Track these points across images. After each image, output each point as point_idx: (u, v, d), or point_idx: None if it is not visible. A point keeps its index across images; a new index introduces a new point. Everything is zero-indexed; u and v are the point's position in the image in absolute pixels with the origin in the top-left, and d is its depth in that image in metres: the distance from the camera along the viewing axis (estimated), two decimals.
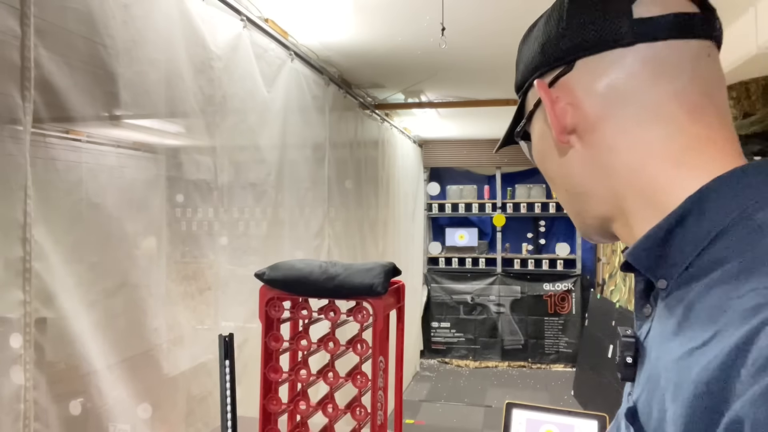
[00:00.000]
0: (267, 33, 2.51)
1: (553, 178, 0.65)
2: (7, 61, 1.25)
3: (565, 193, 0.63)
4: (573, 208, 0.64)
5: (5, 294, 1.25)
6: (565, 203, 0.65)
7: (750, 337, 0.40)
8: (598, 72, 0.56)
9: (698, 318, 0.47)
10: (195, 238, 2.05)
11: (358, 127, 4.04)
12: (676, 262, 0.51)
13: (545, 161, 0.66)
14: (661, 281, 0.53)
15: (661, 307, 0.53)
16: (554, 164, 0.64)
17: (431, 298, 6.98)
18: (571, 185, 0.62)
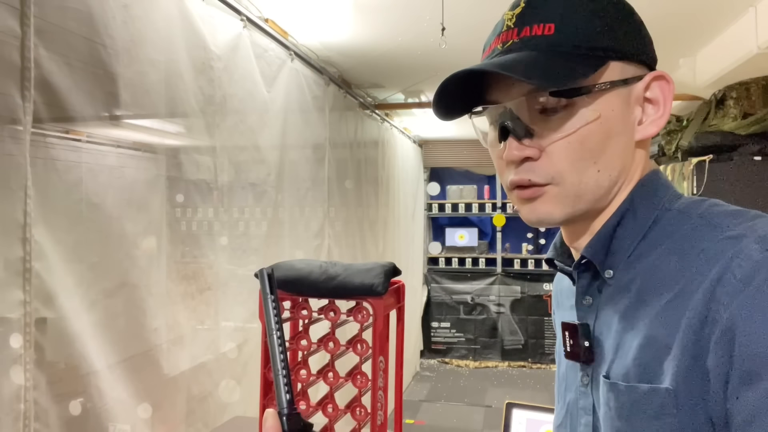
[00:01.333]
0: (267, 33, 2.51)
1: (598, 155, 0.64)
2: (7, 61, 1.25)
3: (596, 173, 0.64)
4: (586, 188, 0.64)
5: (5, 294, 1.25)
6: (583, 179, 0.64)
7: (724, 269, 0.54)
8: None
9: (662, 281, 0.59)
10: (195, 238, 2.05)
11: (358, 127, 4.04)
12: (619, 254, 0.65)
13: (604, 138, 0.64)
14: (608, 271, 0.66)
15: (607, 294, 0.65)
16: (614, 146, 0.64)
17: (431, 298, 6.98)
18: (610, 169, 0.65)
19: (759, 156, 2.92)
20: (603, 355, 0.64)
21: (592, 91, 0.63)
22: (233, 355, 2.22)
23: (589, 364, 0.66)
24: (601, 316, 0.66)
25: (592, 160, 0.64)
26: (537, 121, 0.64)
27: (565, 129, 0.63)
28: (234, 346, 2.22)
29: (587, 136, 0.63)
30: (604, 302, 0.66)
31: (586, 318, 0.67)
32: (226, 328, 2.19)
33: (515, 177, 0.66)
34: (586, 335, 0.65)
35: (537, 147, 0.64)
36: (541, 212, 0.66)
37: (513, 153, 0.64)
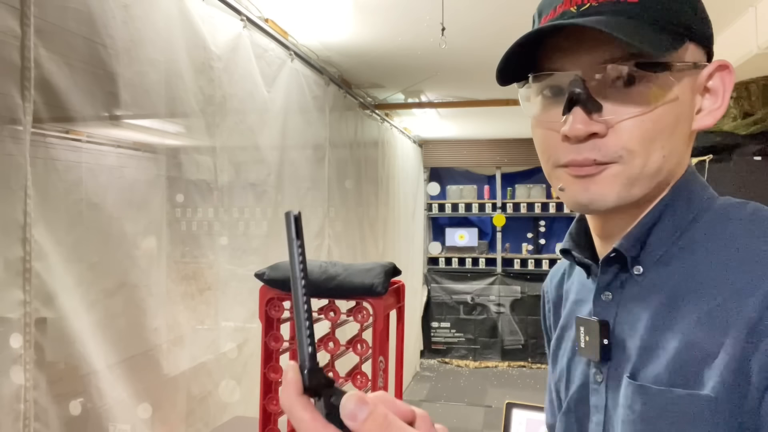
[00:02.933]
0: (267, 33, 2.51)
1: (667, 139, 0.59)
2: (7, 61, 1.25)
3: (661, 158, 0.60)
4: (648, 172, 0.60)
5: (5, 294, 1.25)
6: (648, 162, 0.59)
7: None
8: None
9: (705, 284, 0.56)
10: (195, 238, 2.05)
11: (358, 127, 4.04)
12: (653, 251, 0.62)
13: (675, 122, 0.59)
14: (637, 268, 0.62)
15: (633, 291, 0.62)
16: (680, 132, 0.61)
17: (431, 298, 6.98)
18: (673, 156, 0.61)
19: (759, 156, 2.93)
20: (625, 355, 0.61)
21: (675, 69, 0.58)
22: (233, 355, 2.21)
23: (605, 362, 0.63)
24: (622, 314, 0.62)
25: (661, 143, 0.59)
26: (609, 95, 0.58)
27: (642, 106, 0.58)
28: (234, 346, 2.22)
29: (662, 116, 0.58)
30: (627, 299, 0.62)
31: (604, 314, 0.64)
32: (226, 328, 2.19)
33: (576, 156, 0.60)
34: (605, 332, 0.62)
35: (605, 123, 0.58)
36: (594, 193, 0.60)
37: (578, 127, 0.58)
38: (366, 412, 0.38)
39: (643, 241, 0.62)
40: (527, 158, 6.82)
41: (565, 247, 0.71)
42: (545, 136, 0.64)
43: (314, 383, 0.39)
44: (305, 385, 0.39)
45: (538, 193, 6.84)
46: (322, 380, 0.39)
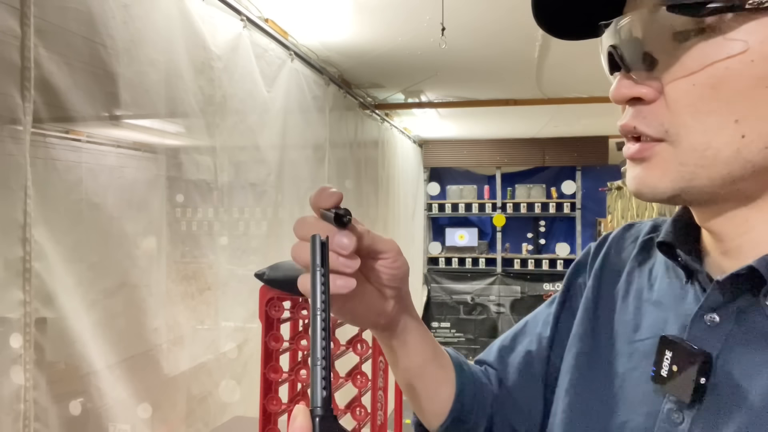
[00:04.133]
0: (267, 33, 2.51)
1: (743, 110, 0.42)
2: (7, 61, 1.25)
3: (738, 138, 0.43)
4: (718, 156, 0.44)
5: (5, 294, 1.25)
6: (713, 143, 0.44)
7: None
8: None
9: None
10: (195, 238, 2.05)
11: (358, 127, 4.04)
12: None
13: (755, 85, 0.42)
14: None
15: (758, 327, 0.45)
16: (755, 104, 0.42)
17: (431, 298, 6.98)
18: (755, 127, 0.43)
19: None
20: (728, 407, 0.45)
21: (739, 8, 0.41)
22: (233, 355, 2.21)
23: (692, 405, 0.47)
24: (733, 351, 0.46)
25: (731, 116, 0.42)
26: (665, 50, 0.44)
27: (691, 64, 0.43)
28: (234, 346, 2.22)
29: (724, 78, 0.42)
30: (746, 334, 0.46)
31: (704, 342, 0.47)
32: (226, 328, 2.19)
33: (622, 121, 0.48)
34: (705, 369, 0.45)
35: (653, 86, 0.45)
36: (641, 180, 0.47)
37: (619, 90, 0.47)
38: None
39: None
40: (527, 158, 6.82)
41: (666, 240, 0.53)
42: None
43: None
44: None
45: (538, 193, 6.85)
46: (335, 430, 0.35)
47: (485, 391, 0.68)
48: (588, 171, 6.80)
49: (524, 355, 0.69)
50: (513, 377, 0.68)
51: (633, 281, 0.60)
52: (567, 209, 6.79)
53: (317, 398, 0.35)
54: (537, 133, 6.32)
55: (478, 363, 0.74)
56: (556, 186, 6.85)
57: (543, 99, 4.32)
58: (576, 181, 6.77)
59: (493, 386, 0.69)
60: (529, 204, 6.84)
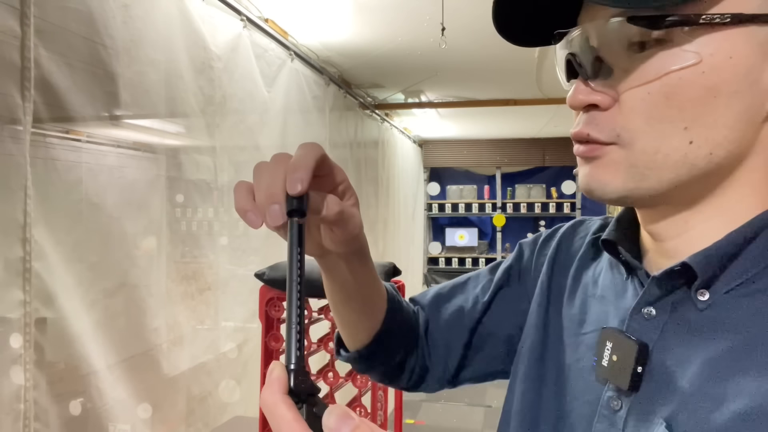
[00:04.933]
0: (267, 33, 2.51)
1: (692, 118, 0.45)
2: (7, 61, 1.25)
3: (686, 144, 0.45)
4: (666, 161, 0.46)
5: (5, 294, 1.25)
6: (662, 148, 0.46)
7: None
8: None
9: None
10: (195, 238, 2.05)
11: (358, 127, 4.04)
12: (731, 277, 0.47)
13: (706, 95, 0.44)
14: (701, 292, 0.48)
15: (689, 319, 0.49)
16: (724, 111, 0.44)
17: None
18: (712, 145, 0.45)
19: None
20: (661, 393, 0.48)
21: (694, 23, 0.43)
22: (233, 355, 2.21)
23: (629, 393, 0.50)
24: (667, 341, 0.49)
25: (681, 124, 0.45)
26: (621, 59, 0.46)
27: (647, 73, 0.45)
28: (234, 346, 2.22)
29: (677, 87, 0.44)
30: (678, 326, 0.49)
31: (641, 333, 0.50)
32: (226, 328, 2.19)
33: (574, 129, 0.50)
34: (642, 358, 0.49)
35: (609, 93, 0.47)
36: (592, 179, 0.49)
37: (576, 97, 0.48)
38: (350, 428, 0.36)
39: (726, 263, 0.48)
40: (527, 158, 6.82)
41: (609, 238, 0.56)
42: None
43: (300, 387, 0.38)
44: (290, 386, 0.38)
45: (538, 193, 6.85)
46: (308, 385, 0.38)
47: (412, 327, 0.73)
48: None
49: (457, 309, 0.73)
50: (441, 324, 0.73)
51: (580, 277, 0.63)
52: (567, 209, 6.79)
53: (291, 356, 0.39)
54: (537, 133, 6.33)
55: (411, 301, 0.77)
56: (556, 186, 6.85)
57: (543, 99, 4.32)
58: (576, 181, 6.77)
59: (419, 327, 0.74)
60: (529, 204, 6.84)
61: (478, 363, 0.73)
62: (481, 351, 0.72)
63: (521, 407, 0.62)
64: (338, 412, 0.36)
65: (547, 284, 0.66)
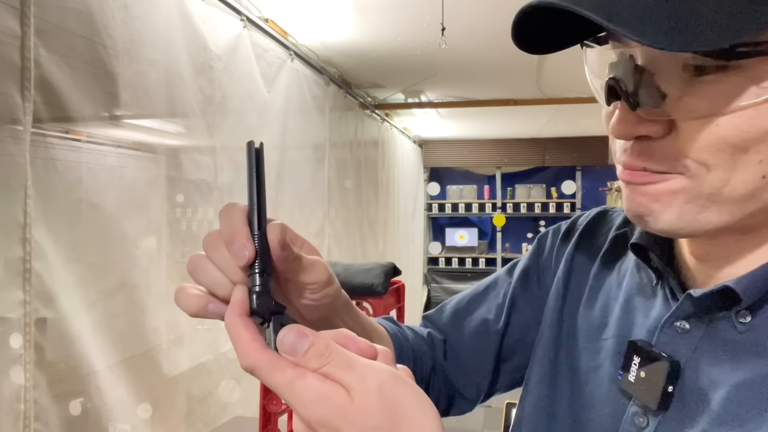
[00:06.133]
0: (267, 33, 2.51)
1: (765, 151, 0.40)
2: (7, 61, 1.25)
3: (760, 178, 0.41)
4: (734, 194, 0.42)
5: (5, 294, 1.25)
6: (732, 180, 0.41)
7: None
8: None
9: None
10: (195, 238, 2.05)
11: (358, 127, 4.04)
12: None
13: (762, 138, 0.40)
14: (743, 313, 0.45)
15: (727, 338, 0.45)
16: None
17: (431, 298, 6.98)
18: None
19: None
20: (692, 414, 0.45)
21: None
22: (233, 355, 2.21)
23: (658, 412, 0.46)
24: (702, 361, 0.46)
25: (757, 156, 0.40)
26: (676, 83, 0.41)
27: (715, 104, 0.40)
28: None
29: (753, 119, 0.39)
30: (715, 345, 0.46)
31: (672, 349, 0.47)
32: None
33: (626, 157, 0.44)
34: (673, 377, 0.46)
35: (662, 120, 0.42)
36: (643, 207, 0.44)
37: (621, 127, 0.43)
38: (306, 344, 0.36)
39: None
40: (527, 158, 6.82)
41: (639, 242, 0.52)
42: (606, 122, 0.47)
43: (262, 307, 0.38)
44: (252, 307, 0.38)
45: (538, 193, 6.85)
46: (271, 304, 0.38)
47: (425, 355, 0.67)
48: (588, 171, 6.81)
49: (480, 322, 0.68)
50: (466, 341, 0.68)
51: (603, 277, 0.59)
52: (567, 209, 6.79)
53: (255, 277, 0.38)
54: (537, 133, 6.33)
55: (425, 320, 0.73)
56: (556, 186, 6.85)
57: (543, 99, 4.32)
58: (576, 181, 6.78)
59: (436, 352, 0.69)
60: (529, 204, 6.84)
61: (509, 373, 0.68)
62: (511, 361, 0.67)
63: (534, 411, 0.59)
64: (293, 331, 0.36)
65: (564, 282, 0.62)
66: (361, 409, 0.35)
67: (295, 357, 0.36)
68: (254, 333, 0.37)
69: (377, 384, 0.36)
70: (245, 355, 0.36)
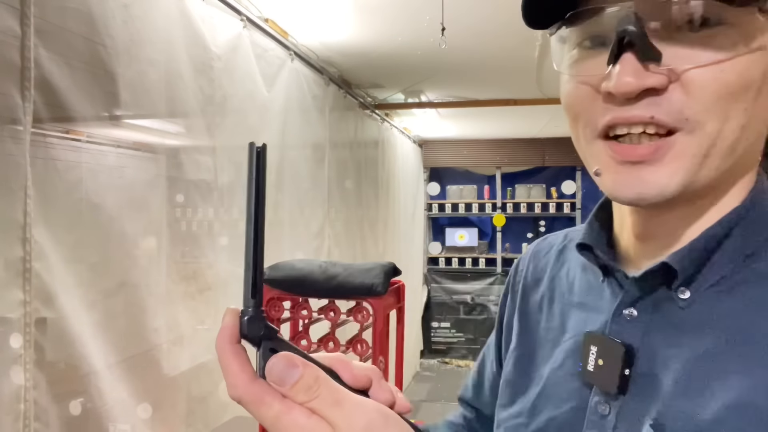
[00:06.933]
0: (267, 33, 2.51)
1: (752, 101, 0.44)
2: (7, 61, 1.25)
3: (739, 128, 0.45)
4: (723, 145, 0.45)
5: (5, 294, 1.25)
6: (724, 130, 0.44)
7: None
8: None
9: None
10: (195, 238, 2.05)
11: (358, 127, 4.04)
12: (711, 273, 0.48)
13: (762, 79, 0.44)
14: (682, 290, 0.48)
15: (672, 317, 0.48)
16: (764, 99, 0.46)
17: (431, 298, 6.98)
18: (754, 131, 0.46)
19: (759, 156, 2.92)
20: (647, 394, 0.48)
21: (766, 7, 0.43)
22: None
23: (617, 396, 0.49)
24: (652, 342, 0.49)
25: (743, 105, 0.44)
26: (670, 40, 0.43)
27: (719, 52, 0.42)
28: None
29: (748, 68, 0.43)
30: (661, 326, 0.49)
31: (625, 335, 0.50)
32: None
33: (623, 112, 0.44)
34: (629, 360, 0.48)
35: (667, 73, 0.43)
36: (649, 184, 0.45)
37: (627, 81, 0.43)
38: (295, 376, 0.35)
39: (704, 260, 0.47)
40: (527, 158, 6.82)
41: (585, 242, 0.55)
42: (578, 95, 0.48)
43: (253, 332, 0.36)
44: (243, 332, 0.36)
45: (538, 193, 6.85)
46: (262, 330, 0.36)
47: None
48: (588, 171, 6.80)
49: (492, 381, 0.71)
50: (489, 401, 0.71)
51: (555, 288, 0.63)
52: (567, 209, 6.79)
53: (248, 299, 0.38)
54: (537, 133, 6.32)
55: (459, 401, 0.79)
56: (556, 186, 6.85)
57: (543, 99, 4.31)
58: (576, 181, 6.77)
59: (475, 426, 0.75)
60: (529, 204, 6.84)
61: None
62: None
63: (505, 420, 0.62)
64: (282, 361, 0.35)
65: (524, 304, 0.66)
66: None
67: (283, 388, 0.35)
68: (243, 362, 0.36)
69: (364, 424, 0.36)
70: (233, 386, 0.36)
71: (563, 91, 0.51)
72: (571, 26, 0.48)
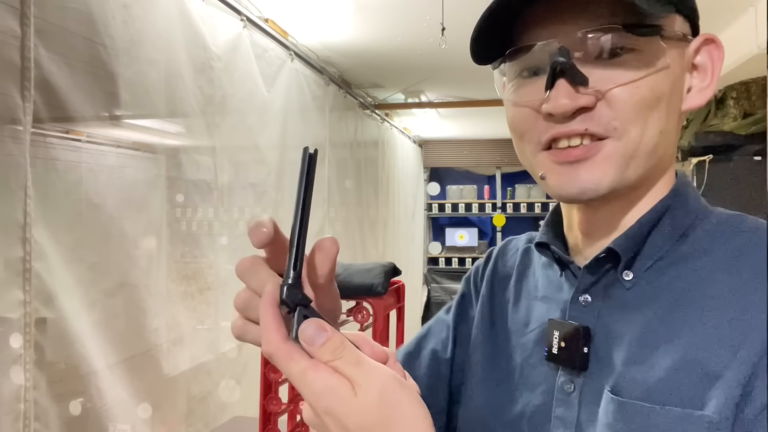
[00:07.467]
0: (267, 33, 2.51)
1: (665, 109, 0.54)
2: (7, 61, 1.25)
3: (657, 133, 0.54)
4: (646, 147, 0.54)
5: (5, 294, 1.25)
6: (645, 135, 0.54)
7: None
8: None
9: (709, 300, 0.52)
10: (195, 238, 2.05)
11: (358, 127, 4.04)
12: (646, 256, 0.56)
13: (669, 93, 0.54)
14: (626, 273, 0.57)
15: (619, 298, 0.56)
16: (673, 108, 0.56)
17: (431, 298, 6.97)
18: (669, 135, 0.56)
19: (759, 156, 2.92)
20: (605, 367, 0.55)
21: (665, 35, 0.53)
22: (233, 355, 2.22)
23: (579, 373, 0.56)
24: (604, 322, 0.56)
25: (658, 115, 0.54)
26: (593, 66, 0.53)
27: (633, 73, 0.52)
28: (234, 346, 2.22)
29: (658, 84, 0.53)
30: (611, 306, 0.57)
31: (582, 319, 0.57)
32: (226, 328, 2.19)
33: (562, 128, 0.54)
34: (587, 339, 0.56)
35: (594, 93, 0.52)
36: (586, 181, 0.54)
37: (563, 102, 0.52)
38: (323, 338, 0.40)
39: (641, 243, 0.56)
40: None
41: (543, 241, 0.63)
42: (522, 117, 0.58)
43: (289, 298, 0.42)
44: (282, 298, 0.42)
45: (538, 193, 6.84)
46: (298, 296, 0.42)
47: None
48: None
49: (431, 357, 0.74)
50: (421, 379, 0.72)
51: (521, 285, 0.70)
52: None
53: (289, 271, 0.43)
54: None
55: None
56: None
57: None
58: None
59: None
60: (529, 204, 6.84)
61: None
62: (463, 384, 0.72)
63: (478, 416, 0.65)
64: (313, 325, 0.41)
65: (489, 300, 0.72)
66: (362, 405, 0.40)
67: (312, 347, 0.40)
68: (279, 323, 0.42)
69: (380, 384, 0.41)
70: (267, 342, 0.41)
71: (509, 114, 0.62)
72: (511, 61, 0.59)
